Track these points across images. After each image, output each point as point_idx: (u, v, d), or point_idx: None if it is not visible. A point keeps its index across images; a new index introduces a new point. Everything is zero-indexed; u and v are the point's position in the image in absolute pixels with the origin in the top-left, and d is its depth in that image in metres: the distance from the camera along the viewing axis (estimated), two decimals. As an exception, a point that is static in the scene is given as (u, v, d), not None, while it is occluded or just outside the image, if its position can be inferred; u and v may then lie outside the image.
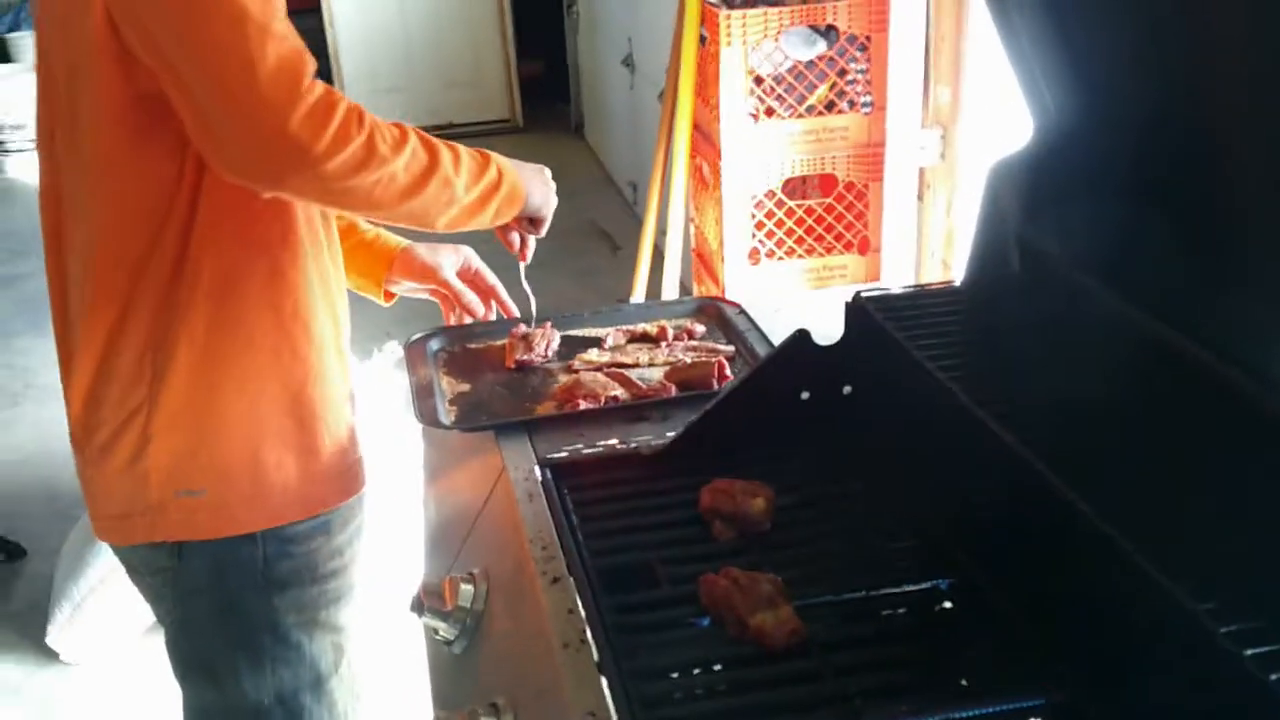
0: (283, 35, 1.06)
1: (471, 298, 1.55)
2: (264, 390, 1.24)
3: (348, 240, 1.47)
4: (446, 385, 1.47)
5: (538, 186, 1.38)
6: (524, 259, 1.49)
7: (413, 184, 1.15)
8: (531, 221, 1.43)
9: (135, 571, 1.33)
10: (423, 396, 1.41)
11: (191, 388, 1.21)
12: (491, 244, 1.48)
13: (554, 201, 1.42)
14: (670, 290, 3.11)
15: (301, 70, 1.06)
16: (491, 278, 1.58)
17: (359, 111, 1.10)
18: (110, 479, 1.25)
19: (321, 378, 1.29)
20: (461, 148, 1.25)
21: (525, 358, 1.49)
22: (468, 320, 1.58)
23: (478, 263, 1.57)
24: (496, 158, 1.30)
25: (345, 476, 1.34)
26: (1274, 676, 0.68)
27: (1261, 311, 0.83)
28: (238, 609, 1.29)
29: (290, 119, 1.04)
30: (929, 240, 2.66)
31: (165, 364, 1.20)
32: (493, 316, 1.60)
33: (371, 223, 1.53)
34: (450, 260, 1.54)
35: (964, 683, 0.93)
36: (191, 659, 1.35)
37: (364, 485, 1.38)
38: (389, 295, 1.57)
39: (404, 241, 1.54)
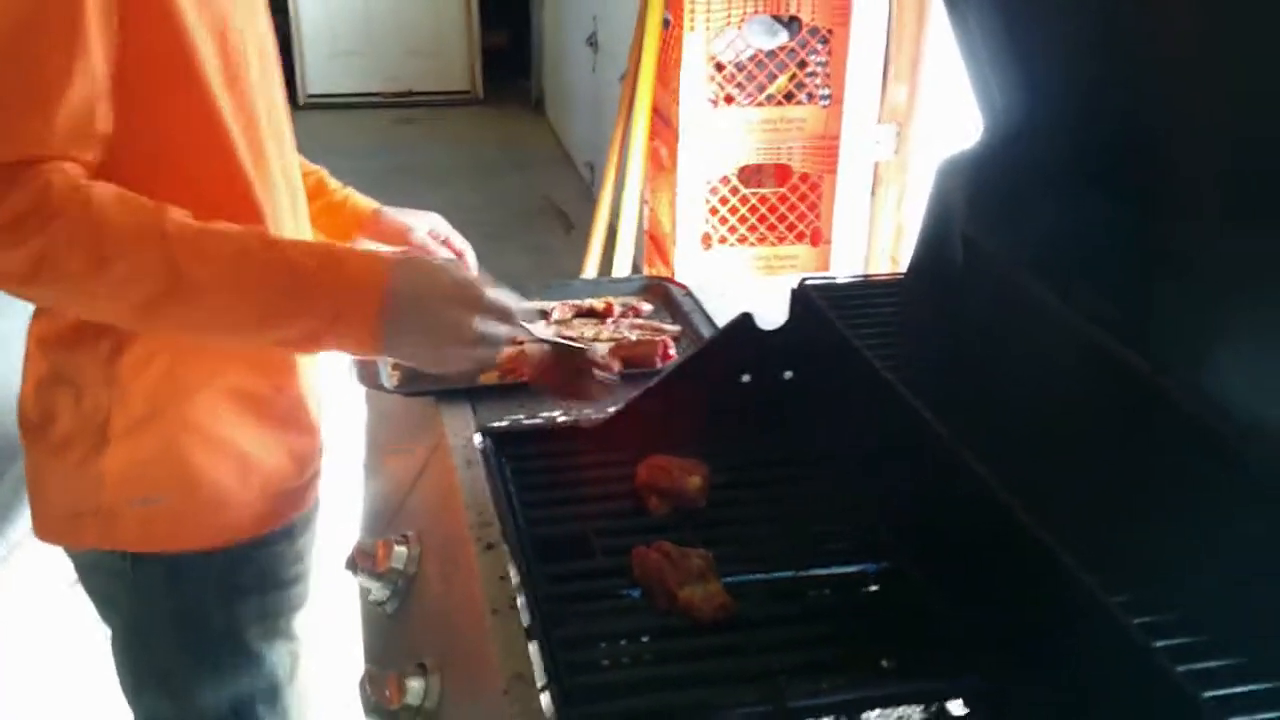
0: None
1: (450, 241, 1.47)
2: (234, 397, 1.15)
3: (315, 201, 1.38)
4: (391, 350, 1.47)
5: (428, 328, 0.99)
6: None
7: (136, 309, 0.95)
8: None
9: (84, 574, 1.25)
10: (365, 360, 1.40)
11: (157, 391, 1.11)
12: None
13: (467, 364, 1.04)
14: (622, 271, 3.12)
15: None
16: (461, 241, 1.51)
17: (43, 210, 0.90)
18: (62, 475, 1.15)
19: (295, 384, 1.21)
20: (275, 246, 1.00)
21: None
22: None
23: (447, 228, 1.50)
24: (351, 263, 0.99)
25: (312, 485, 1.27)
26: (1181, 668, 0.71)
27: (1197, 316, 0.86)
28: (197, 617, 1.21)
29: None
30: (879, 234, 2.69)
31: (131, 364, 1.10)
32: None
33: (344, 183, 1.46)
34: (421, 223, 1.47)
35: (885, 664, 0.95)
36: (145, 669, 1.26)
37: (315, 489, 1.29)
38: None
39: (373, 204, 1.46)
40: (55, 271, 0.91)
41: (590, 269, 3.26)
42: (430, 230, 1.46)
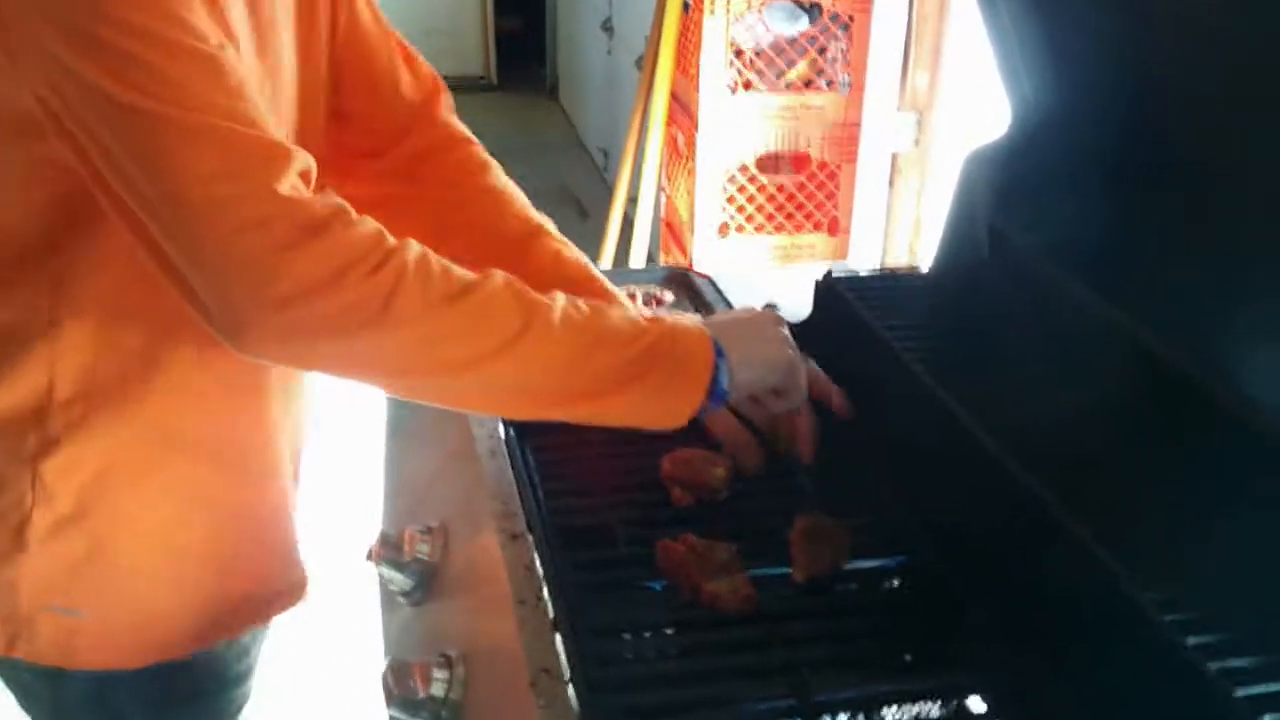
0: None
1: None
2: (178, 501, 1.02)
3: (523, 257, 1.13)
4: (412, 338, 1.46)
5: (745, 367, 0.96)
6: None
7: (470, 362, 0.85)
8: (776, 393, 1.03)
9: (2, 672, 1.11)
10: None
11: (86, 492, 0.98)
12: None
13: (789, 371, 1.01)
14: (638, 259, 3.11)
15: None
16: None
17: (380, 249, 0.81)
18: None
19: (257, 488, 1.08)
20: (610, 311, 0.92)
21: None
22: None
23: None
24: (674, 325, 0.93)
25: (265, 603, 1.14)
26: (1213, 665, 0.70)
27: (1226, 314, 0.85)
28: None
29: (224, 233, 0.78)
30: (897, 225, 2.68)
31: (59, 464, 0.97)
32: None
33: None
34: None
35: (909, 658, 0.95)
36: None
37: (297, 601, 1.16)
38: None
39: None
40: (397, 314, 0.81)
41: (606, 258, 3.25)
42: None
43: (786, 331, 1.00)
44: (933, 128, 2.55)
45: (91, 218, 0.89)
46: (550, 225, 1.17)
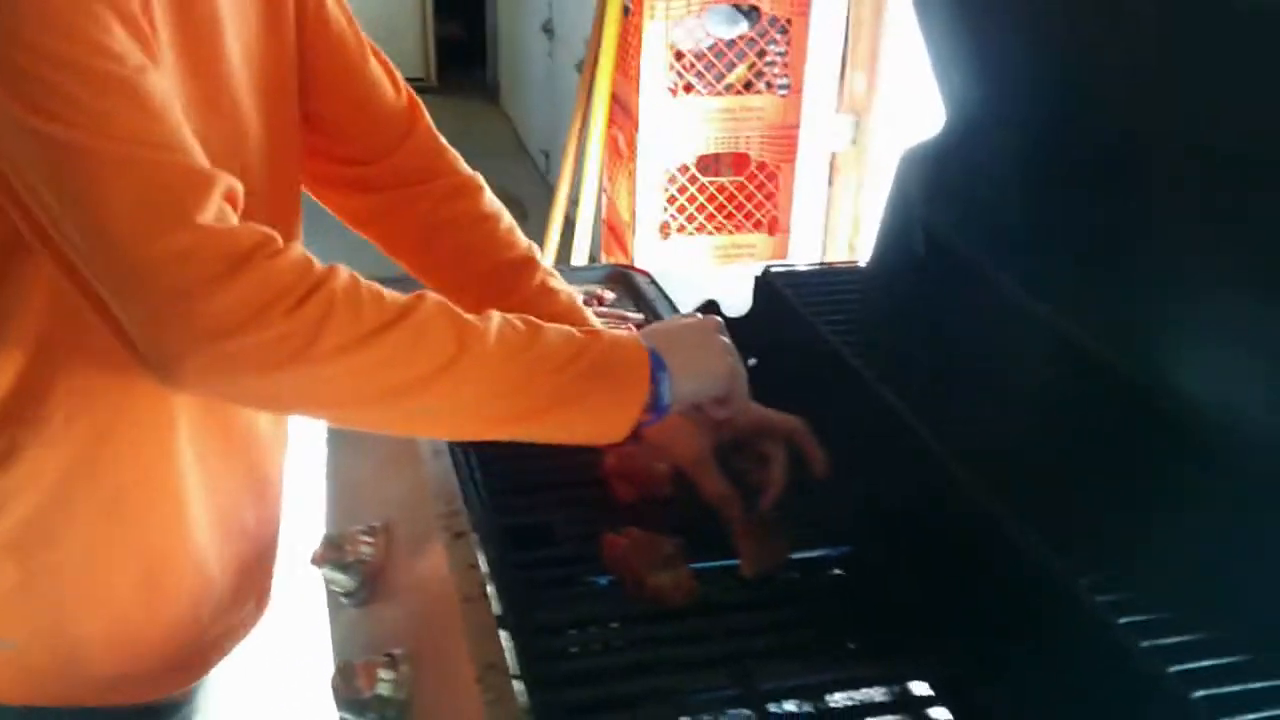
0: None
1: None
2: (124, 540, 1.00)
3: (505, 289, 1.13)
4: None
5: (690, 357, 0.95)
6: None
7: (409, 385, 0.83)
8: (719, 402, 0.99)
9: None
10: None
11: (23, 524, 0.95)
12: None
13: (728, 379, 0.98)
14: (580, 260, 3.11)
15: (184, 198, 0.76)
16: None
17: (309, 277, 0.78)
18: None
19: (183, 542, 1.04)
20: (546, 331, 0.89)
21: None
22: None
23: None
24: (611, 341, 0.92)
25: (206, 654, 1.11)
26: (1145, 644, 0.72)
27: (1156, 310, 0.88)
28: None
29: (157, 279, 0.75)
30: (837, 224, 2.71)
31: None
32: None
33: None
34: None
35: (851, 646, 0.96)
36: None
37: (232, 646, 1.14)
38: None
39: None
40: (326, 345, 0.78)
41: (548, 258, 3.25)
42: None
43: (726, 338, 0.99)
44: (870, 128, 2.59)
45: (13, 252, 0.86)
46: (537, 252, 1.17)
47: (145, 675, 1.06)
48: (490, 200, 1.18)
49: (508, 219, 1.18)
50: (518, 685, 0.84)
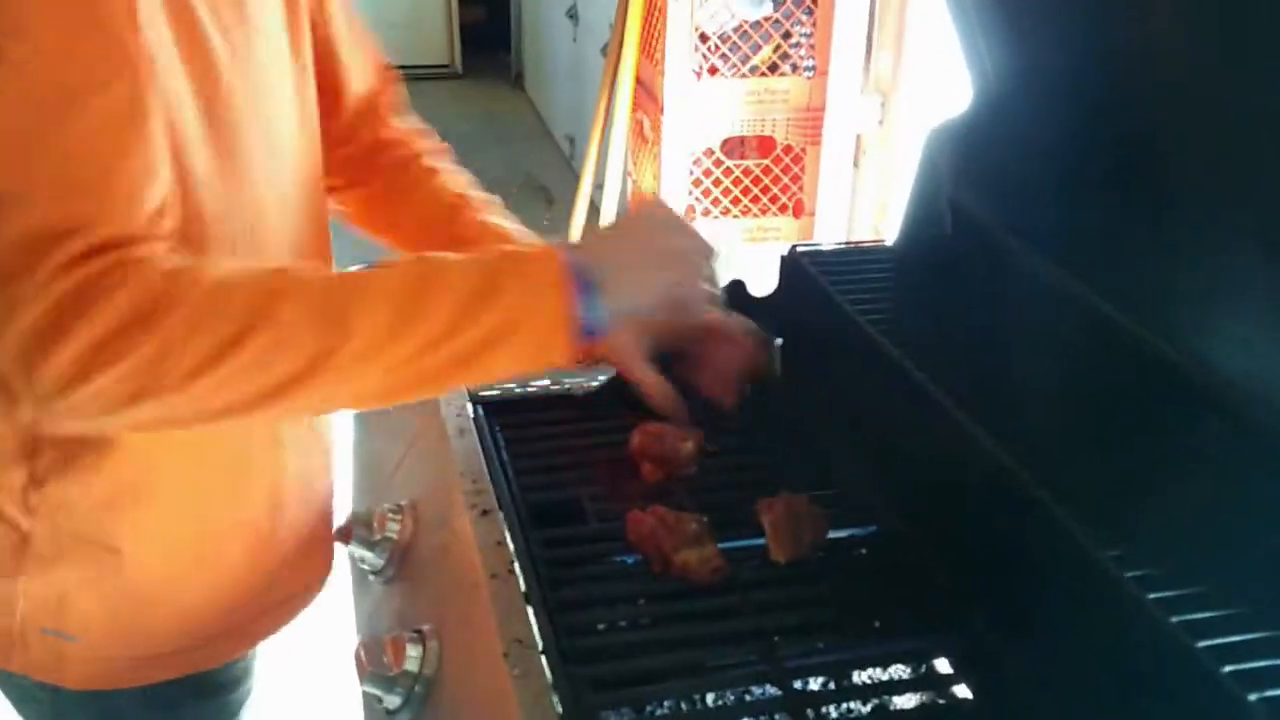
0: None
1: None
2: (169, 527, 1.01)
3: (439, 231, 1.14)
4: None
5: (623, 279, 0.85)
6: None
7: (290, 380, 0.77)
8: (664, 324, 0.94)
9: (1, 683, 1.11)
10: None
11: (82, 525, 0.97)
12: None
13: (682, 270, 0.90)
14: (605, 244, 3.11)
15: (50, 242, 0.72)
16: None
17: (152, 298, 0.73)
18: None
19: (254, 518, 1.06)
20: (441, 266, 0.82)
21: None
22: None
23: None
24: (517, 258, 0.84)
25: (260, 623, 1.13)
26: (1175, 619, 0.72)
27: (1188, 284, 0.87)
28: None
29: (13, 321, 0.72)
30: (862, 206, 2.69)
31: (52, 496, 0.95)
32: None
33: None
34: None
35: (877, 624, 0.96)
36: None
37: (291, 619, 1.16)
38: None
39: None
40: (173, 374, 0.74)
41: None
42: None
43: (683, 237, 0.90)
44: (896, 109, 2.57)
45: None
46: (484, 199, 1.16)
47: (215, 651, 1.09)
48: (448, 163, 1.20)
49: (464, 175, 1.18)
50: (544, 661, 0.84)
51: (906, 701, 0.94)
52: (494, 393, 1.25)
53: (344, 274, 0.81)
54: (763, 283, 1.25)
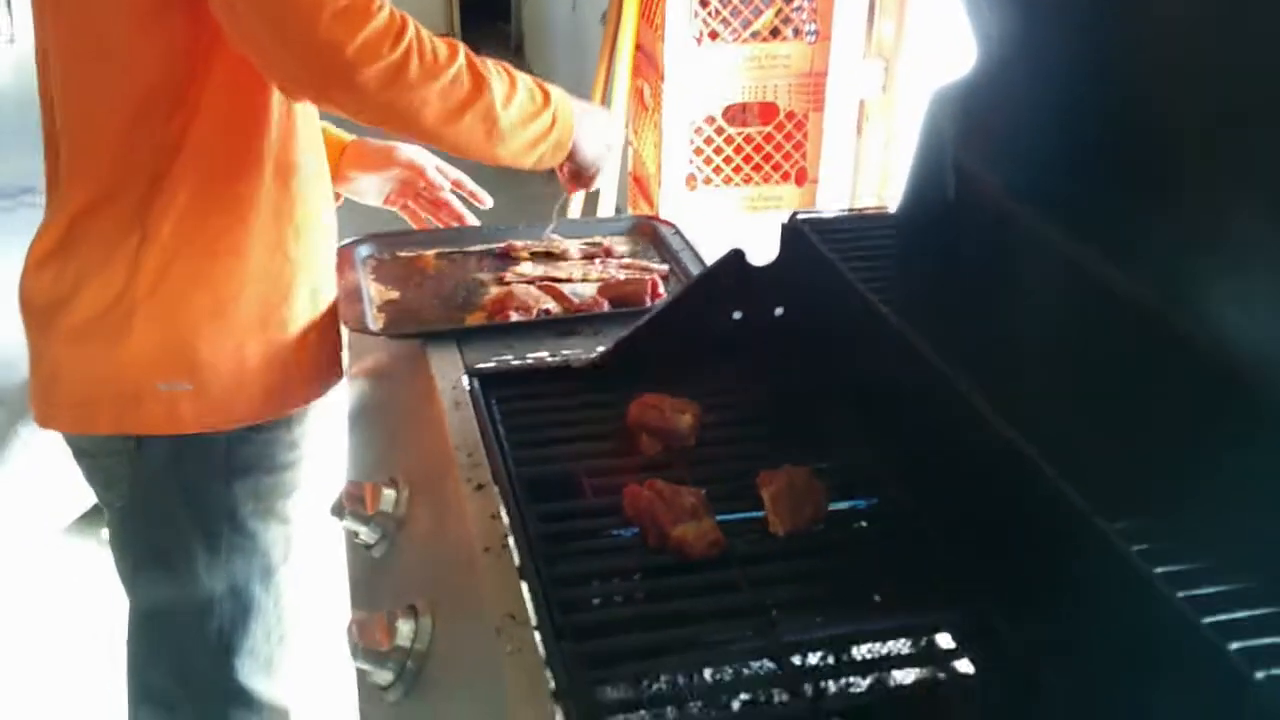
0: None
1: (445, 168, 1.53)
2: (253, 285, 1.22)
3: None
4: (375, 292, 1.45)
5: (591, 142, 1.33)
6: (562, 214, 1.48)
7: (449, 111, 1.14)
8: (576, 175, 1.38)
9: (85, 454, 1.30)
10: (350, 301, 1.38)
11: (180, 277, 1.18)
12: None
13: (607, 160, 1.38)
14: (606, 212, 3.08)
15: None
16: (454, 171, 1.54)
17: (399, 26, 1.09)
18: (81, 361, 1.21)
19: (310, 273, 1.28)
20: (522, 80, 1.24)
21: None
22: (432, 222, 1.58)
23: (435, 157, 1.53)
24: (558, 99, 1.28)
25: (324, 372, 1.35)
26: (1181, 594, 0.70)
27: (1194, 247, 0.85)
28: (197, 493, 1.27)
29: (316, 25, 1.04)
30: (865, 174, 2.66)
31: (154, 256, 1.17)
32: (460, 208, 1.58)
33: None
34: (405, 148, 1.50)
35: (877, 598, 0.95)
36: (144, 546, 1.32)
37: (339, 378, 1.39)
38: (336, 196, 1.52)
39: (349, 135, 1.50)
40: (407, 76, 1.09)
41: (574, 210, 3.22)
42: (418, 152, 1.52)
43: (612, 140, 1.38)
44: (899, 75, 2.53)
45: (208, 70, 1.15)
46: None
47: (294, 393, 1.30)
48: None
49: None
50: (538, 636, 0.82)
51: (906, 677, 0.92)
52: (490, 365, 1.23)
53: (501, 69, 1.22)
54: (764, 250, 1.23)
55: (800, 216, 1.20)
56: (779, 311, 1.23)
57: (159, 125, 1.16)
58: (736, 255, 1.19)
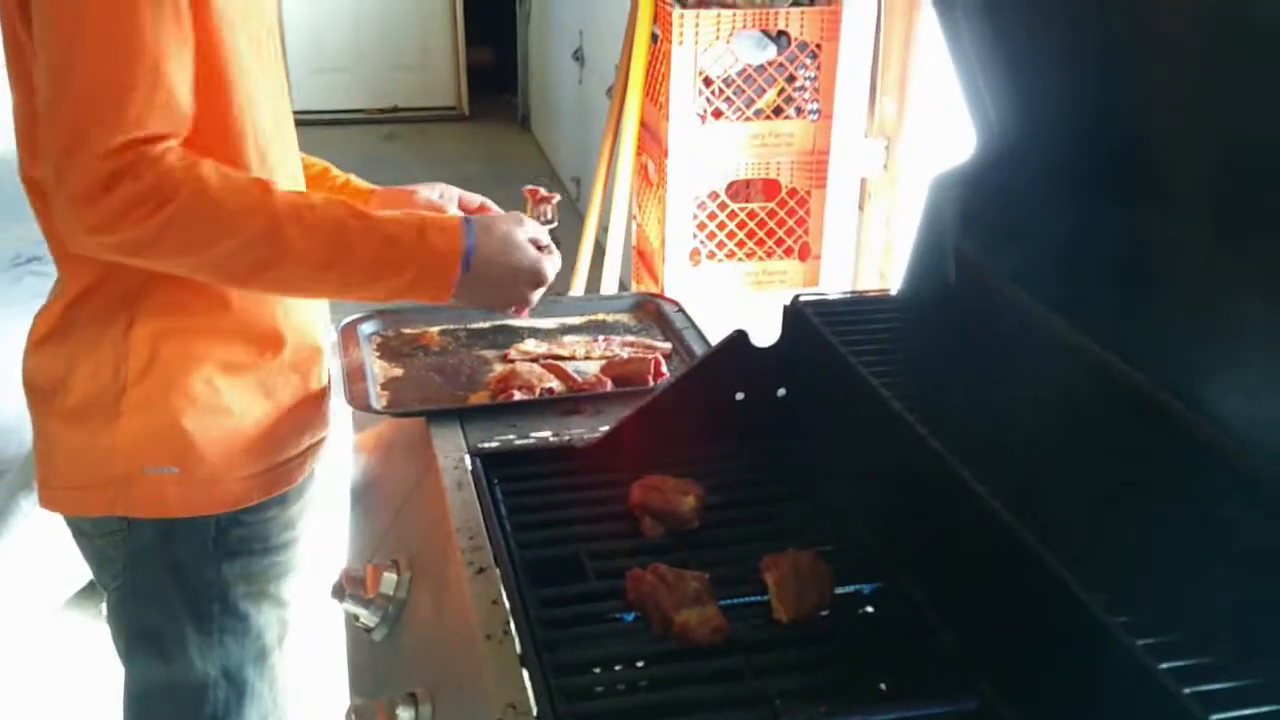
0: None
1: (467, 200, 1.49)
2: (239, 368, 1.22)
3: (320, 187, 1.45)
4: (379, 369, 1.45)
5: (489, 291, 1.22)
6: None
7: (238, 273, 1.09)
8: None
9: (82, 534, 1.30)
10: (354, 379, 1.39)
11: (168, 365, 1.18)
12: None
13: (518, 298, 1.26)
14: (610, 287, 3.10)
15: (105, 127, 1.00)
16: (476, 198, 1.52)
17: (163, 195, 1.02)
18: (74, 446, 1.21)
19: (300, 351, 1.27)
20: (367, 223, 1.13)
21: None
22: None
23: (456, 190, 1.51)
24: (413, 233, 1.15)
25: (307, 458, 1.33)
26: (1188, 690, 0.69)
27: (1192, 336, 0.85)
28: (188, 574, 1.26)
29: (64, 181, 1.01)
30: (868, 249, 2.68)
31: (143, 339, 1.17)
32: None
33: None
34: (425, 190, 1.48)
35: (883, 686, 0.93)
36: (137, 627, 1.30)
37: (319, 452, 1.37)
38: None
39: (371, 185, 1.49)
40: (178, 240, 1.04)
41: (578, 286, 3.24)
42: (440, 195, 1.49)
43: (523, 268, 1.24)
44: (901, 153, 2.56)
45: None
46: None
47: (282, 476, 1.28)
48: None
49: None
50: (539, 727, 0.82)
51: (912, 768, 0.91)
52: (493, 445, 1.23)
53: (305, 204, 1.09)
54: (768, 326, 1.23)
55: (802, 299, 1.20)
56: (781, 392, 1.24)
57: None
58: (739, 336, 1.19)
